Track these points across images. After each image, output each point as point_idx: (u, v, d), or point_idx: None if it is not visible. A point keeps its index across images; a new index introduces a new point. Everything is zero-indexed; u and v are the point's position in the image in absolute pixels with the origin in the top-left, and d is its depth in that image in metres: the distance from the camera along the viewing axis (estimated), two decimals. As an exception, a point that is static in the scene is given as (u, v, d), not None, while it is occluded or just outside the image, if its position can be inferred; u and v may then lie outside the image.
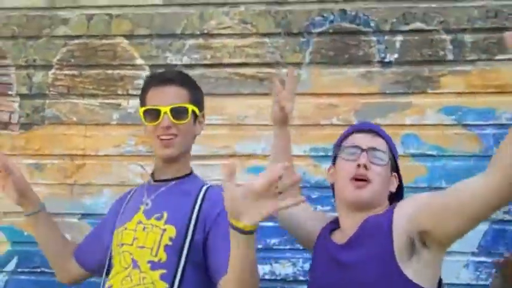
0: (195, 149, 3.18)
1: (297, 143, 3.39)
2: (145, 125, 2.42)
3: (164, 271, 2.21)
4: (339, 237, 2.28)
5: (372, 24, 3.49)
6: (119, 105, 3.59)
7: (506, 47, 1.96)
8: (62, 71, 3.65)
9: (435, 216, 2.11)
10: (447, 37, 3.44)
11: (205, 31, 3.58)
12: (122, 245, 2.29)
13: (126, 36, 3.61)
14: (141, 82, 3.50)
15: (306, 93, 3.47)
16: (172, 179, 2.42)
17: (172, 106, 2.35)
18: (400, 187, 2.40)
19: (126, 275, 2.23)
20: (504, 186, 1.98)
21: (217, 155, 3.48)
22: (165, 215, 2.30)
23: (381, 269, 2.12)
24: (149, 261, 2.22)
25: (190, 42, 3.58)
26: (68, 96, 3.64)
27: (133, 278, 2.21)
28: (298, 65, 3.50)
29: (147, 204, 2.34)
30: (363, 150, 2.22)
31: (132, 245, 2.26)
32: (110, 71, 3.62)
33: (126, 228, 2.31)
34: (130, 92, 3.58)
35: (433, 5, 3.46)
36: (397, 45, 3.47)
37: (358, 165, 2.20)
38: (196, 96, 2.48)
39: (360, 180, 2.20)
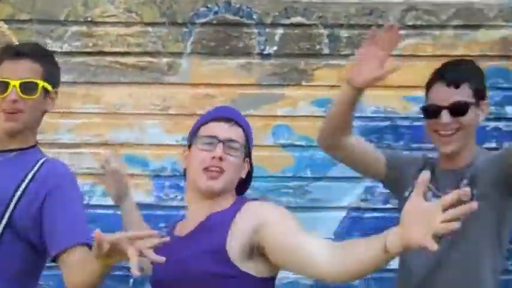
0: (68, 138, 3.21)
1: (171, 132, 3.43)
2: None
3: None
4: (182, 227, 2.32)
5: (255, 16, 3.54)
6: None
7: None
8: None
9: (278, 250, 2.12)
10: (324, 31, 3.52)
11: (89, 19, 3.58)
12: None
13: (6, 21, 3.58)
14: (19, 67, 3.52)
15: (184, 84, 3.51)
16: (12, 150, 2.39)
17: (21, 81, 2.33)
18: (250, 172, 2.42)
19: None
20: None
21: (88, 144, 3.48)
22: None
23: (214, 264, 2.15)
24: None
25: (73, 29, 3.57)
26: None
27: None
28: (179, 54, 3.53)
29: None
30: (219, 141, 2.23)
31: None
32: (-12, 56, 3.58)
33: None
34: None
35: (314, 0, 3.53)
36: (277, 38, 3.53)
37: (213, 157, 2.21)
38: (50, 72, 2.46)
39: (214, 171, 2.22)
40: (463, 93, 2.42)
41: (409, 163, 2.62)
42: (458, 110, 2.40)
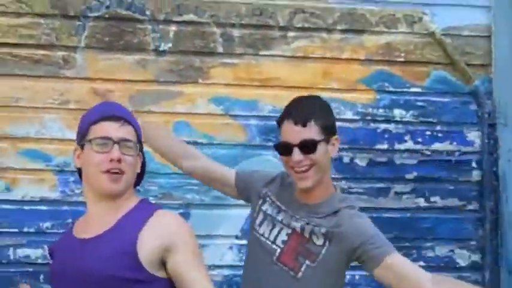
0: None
1: (73, 126, 3.40)
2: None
3: None
4: (84, 228, 2.29)
5: (148, 12, 3.60)
6: None
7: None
8: None
9: (176, 278, 2.22)
10: (217, 30, 3.65)
11: (-23, 8, 3.48)
12: None
13: None
14: None
15: (81, 78, 3.52)
16: None
17: None
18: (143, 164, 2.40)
19: None
20: None
21: (-13, 137, 3.43)
22: None
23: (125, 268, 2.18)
24: None
25: (-40, 18, 3.46)
26: None
27: None
28: (73, 48, 3.53)
29: None
30: (114, 142, 2.22)
31: None
32: None
33: None
34: None
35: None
36: (171, 35, 3.62)
37: (111, 160, 2.21)
38: None
39: (114, 173, 2.22)
40: (310, 131, 2.46)
41: (260, 179, 2.71)
42: (307, 147, 2.45)
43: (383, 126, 3.70)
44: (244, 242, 3.51)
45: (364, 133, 3.66)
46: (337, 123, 3.25)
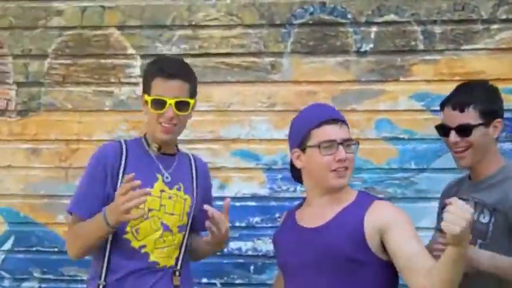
0: (184, 134, 3.42)
1: (279, 127, 3.65)
2: (150, 111, 2.64)
3: (184, 232, 2.71)
4: (308, 219, 2.51)
5: (349, 16, 3.73)
6: (111, 92, 3.81)
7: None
8: (57, 60, 3.87)
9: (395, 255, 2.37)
10: (418, 28, 3.68)
11: (193, 22, 3.81)
12: (150, 210, 2.60)
13: (118, 27, 3.82)
14: (132, 71, 3.78)
15: (287, 81, 3.73)
16: (173, 154, 2.76)
17: (176, 100, 2.60)
18: None
19: (159, 237, 2.61)
20: None
21: (203, 140, 3.72)
22: (182, 186, 2.70)
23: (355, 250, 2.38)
24: (178, 226, 2.67)
25: (179, 32, 3.81)
26: (63, 85, 3.86)
27: (166, 240, 2.63)
28: (280, 54, 3.74)
29: (167, 177, 2.67)
30: (339, 143, 2.43)
31: (159, 210, 2.62)
32: (102, 60, 3.83)
33: (150, 194, 2.55)
34: (122, 80, 3.81)
35: (405, -2, 3.70)
36: (372, 35, 3.71)
37: (339, 160, 2.42)
38: (195, 89, 2.75)
39: (341, 171, 2.44)
40: (468, 116, 2.66)
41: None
42: (463, 131, 2.66)
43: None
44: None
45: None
46: None
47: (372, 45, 3.70)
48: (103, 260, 2.60)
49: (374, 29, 3.71)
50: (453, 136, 2.68)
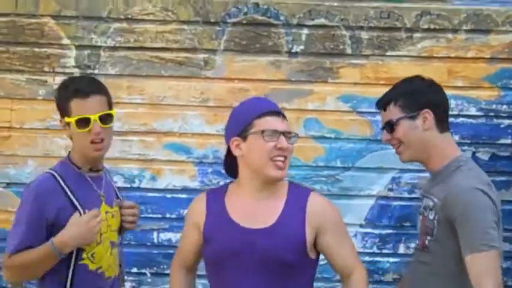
0: (117, 126, 3.50)
1: (211, 123, 3.77)
2: (76, 131, 2.67)
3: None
4: (243, 215, 2.56)
5: (282, 17, 3.86)
6: (45, 81, 3.83)
7: None
8: (-11, 47, 3.85)
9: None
10: (346, 33, 3.86)
11: (129, 16, 3.86)
12: (101, 234, 2.70)
13: (53, 17, 3.84)
14: (67, 61, 3.81)
15: (220, 78, 3.84)
16: (99, 170, 2.81)
17: (99, 114, 2.65)
18: None
19: (110, 254, 2.75)
20: None
21: (136, 132, 3.80)
22: (115, 200, 2.84)
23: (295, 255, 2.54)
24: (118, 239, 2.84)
25: (115, 25, 3.85)
26: (-4, 71, 3.85)
27: (115, 254, 2.79)
28: (213, 51, 3.85)
29: (103, 196, 2.75)
30: (281, 133, 2.51)
31: (107, 232, 2.74)
32: (36, 49, 3.85)
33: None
34: (57, 69, 3.83)
35: (335, 4, 3.86)
36: (303, 38, 3.87)
37: (280, 148, 2.50)
38: (111, 101, 2.77)
39: (279, 160, 2.51)
40: (390, 113, 2.73)
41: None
42: (390, 128, 2.72)
43: (507, 122, 3.78)
44: (368, 230, 3.71)
45: (487, 128, 3.76)
46: (461, 119, 3.43)
47: (302, 47, 3.86)
48: (65, 286, 2.66)
49: (305, 31, 3.86)
50: (384, 135, 2.76)
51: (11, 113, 3.83)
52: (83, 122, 2.64)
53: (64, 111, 2.70)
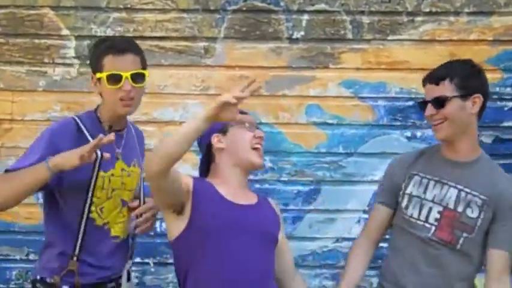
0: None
1: (211, 110, 3.73)
2: (106, 87, 2.64)
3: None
4: (233, 195, 2.70)
5: (282, 3, 3.84)
6: (45, 72, 3.82)
7: None
8: (-11, 39, 3.85)
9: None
10: (347, 18, 3.83)
11: (129, 5, 3.84)
12: (114, 190, 2.70)
13: (52, 8, 3.83)
14: (67, 51, 3.80)
15: (220, 66, 3.82)
16: (122, 129, 2.79)
17: (132, 72, 2.63)
18: None
19: (118, 212, 2.73)
20: None
21: (137, 121, 3.74)
22: (136, 161, 2.81)
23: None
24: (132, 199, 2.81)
25: (114, 15, 3.84)
26: (-4, 63, 3.85)
27: (126, 213, 2.77)
28: (214, 39, 3.83)
29: (121, 154, 2.72)
30: (254, 125, 2.78)
31: (121, 189, 2.72)
32: (36, 40, 3.84)
33: (113, 175, 2.69)
34: (56, 60, 3.82)
35: (336, -12, 3.84)
36: (304, 23, 3.84)
37: (258, 137, 2.72)
38: (145, 61, 2.77)
39: (258, 148, 2.74)
40: (443, 89, 2.68)
41: (399, 166, 2.92)
42: (438, 103, 2.67)
43: (510, 104, 3.76)
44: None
45: (490, 111, 3.68)
46: None
47: (303, 33, 3.83)
48: (76, 237, 2.63)
49: (305, 17, 3.84)
50: (428, 109, 2.69)
51: (12, 105, 3.82)
52: (114, 79, 2.63)
53: (96, 67, 2.68)
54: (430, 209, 2.71)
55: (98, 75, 2.67)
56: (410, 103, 3.75)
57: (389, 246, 2.88)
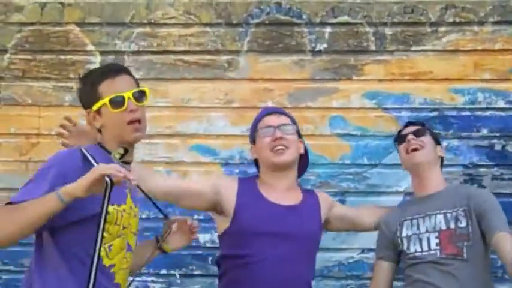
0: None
1: (236, 124, 3.77)
2: (110, 112, 2.38)
3: None
4: (273, 195, 2.92)
5: (304, 16, 3.86)
6: (71, 88, 3.87)
7: None
8: (17, 55, 3.91)
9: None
10: (370, 29, 3.83)
11: (152, 20, 3.89)
12: (124, 227, 2.39)
13: (77, 24, 3.89)
14: (92, 67, 3.83)
15: (244, 79, 3.84)
16: (129, 163, 2.50)
17: (133, 91, 2.41)
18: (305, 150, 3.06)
19: (123, 256, 2.40)
20: None
21: (161, 135, 3.81)
22: (137, 201, 2.51)
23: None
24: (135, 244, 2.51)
25: (138, 30, 3.89)
26: (23, 79, 3.90)
27: (129, 260, 2.44)
28: (237, 52, 3.85)
29: (130, 190, 2.42)
30: (275, 128, 2.91)
31: (127, 228, 2.40)
32: (62, 56, 3.90)
33: (124, 211, 2.39)
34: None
35: (358, 1, 3.85)
36: (326, 36, 3.85)
37: (275, 139, 2.89)
38: (138, 82, 2.52)
39: (279, 149, 2.89)
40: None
41: (391, 216, 3.14)
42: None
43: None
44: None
45: (515, 122, 3.71)
46: (489, 112, 3.47)
47: (325, 45, 3.84)
48: (88, 278, 2.19)
49: (328, 29, 3.85)
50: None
51: (39, 120, 3.87)
52: (117, 102, 2.36)
53: (92, 100, 2.40)
54: (428, 238, 2.89)
55: (96, 106, 2.38)
56: (435, 114, 3.73)
57: (405, 284, 2.98)
